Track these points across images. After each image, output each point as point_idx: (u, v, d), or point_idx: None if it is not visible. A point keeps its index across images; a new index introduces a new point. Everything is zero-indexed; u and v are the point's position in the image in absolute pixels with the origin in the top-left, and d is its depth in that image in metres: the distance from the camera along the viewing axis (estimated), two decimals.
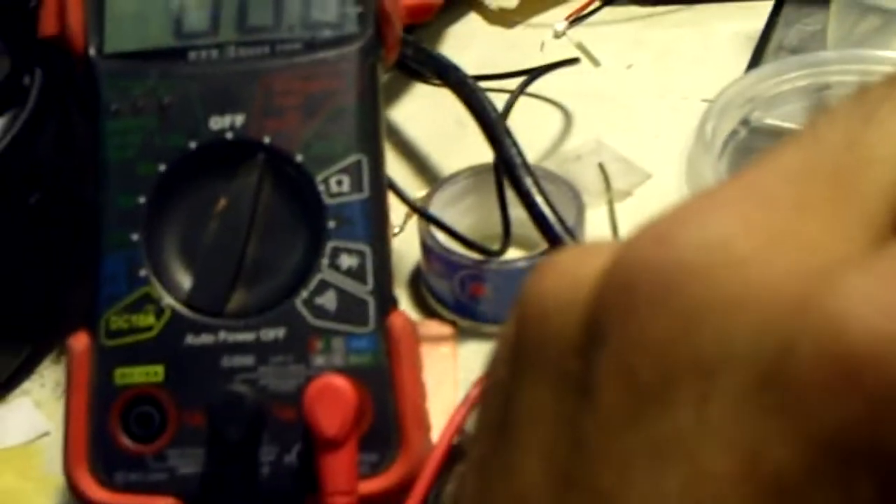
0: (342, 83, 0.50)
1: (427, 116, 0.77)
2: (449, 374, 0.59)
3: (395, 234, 0.67)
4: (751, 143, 0.62)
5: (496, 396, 0.24)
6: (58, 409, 0.55)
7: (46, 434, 0.60)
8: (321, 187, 0.49)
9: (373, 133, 0.51)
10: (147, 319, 0.49)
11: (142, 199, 0.50)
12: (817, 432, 0.18)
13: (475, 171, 0.65)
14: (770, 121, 0.64)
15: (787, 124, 0.64)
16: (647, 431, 0.20)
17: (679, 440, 0.20)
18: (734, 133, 0.61)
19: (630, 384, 0.21)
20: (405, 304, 0.64)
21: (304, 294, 0.48)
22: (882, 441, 0.18)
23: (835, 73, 0.64)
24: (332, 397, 0.46)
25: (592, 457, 0.21)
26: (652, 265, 0.21)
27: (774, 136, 0.65)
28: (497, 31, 0.86)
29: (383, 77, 0.53)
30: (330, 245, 0.49)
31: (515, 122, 0.69)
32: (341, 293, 0.48)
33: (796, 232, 0.20)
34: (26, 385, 0.62)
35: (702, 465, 0.20)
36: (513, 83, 0.76)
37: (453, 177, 0.65)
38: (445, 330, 0.61)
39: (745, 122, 0.62)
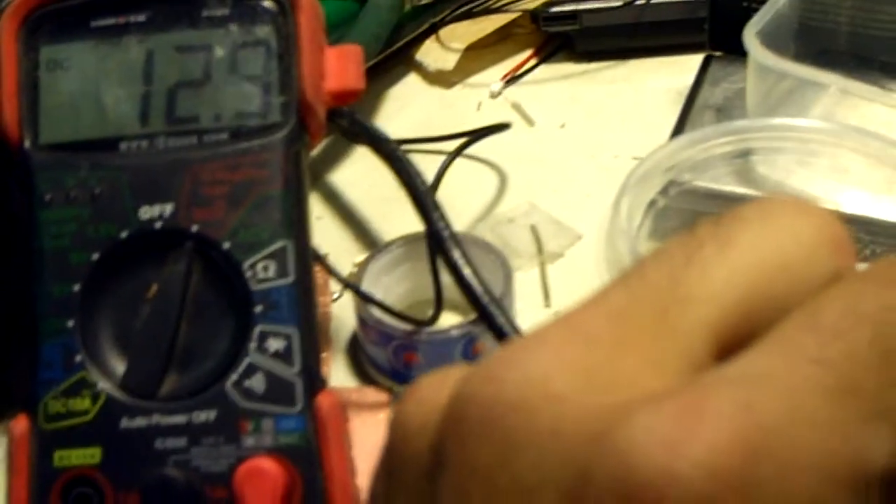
0: (267, 171, 0.52)
1: (367, 179, 0.79)
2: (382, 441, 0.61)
3: (334, 300, 0.69)
4: (670, 211, 0.64)
5: None
6: (1, 488, 0.56)
7: None
8: (248, 273, 0.51)
9: (298, 218, 0.52)
10: (84, 403, 0.51)
11: (76, 287, 0.51)
12: None
13: (407, 241, 0.67)
14: (696, 182, 0.66)
15: (708, 185, 0.67)
16: None
17: None
18: (653, 203, 0.63)
19: None
20: (343, 370, 0.66)
21: (234, 377, 0.50)
22: None
23: (755, 140, 0.66)
24: (261, 479, 0.48)
25: None
26: (480, 400, 0.23)
27: (698, 199, 0.67)
28: (435, 91, 0.88)
29: (308, 159, 0.55)
30: (258, 329, 0.51)
31: (450, 185, 0.71)
32: (269, 375, 0.50)
33: (612, 369, 0.22)
34: None
35: None
36: (450, 145, 0.78)
37: (387, 246, 0.67)
38: (382, 397, 0.63)
39: (664, 190, 0.64)
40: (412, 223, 0.66)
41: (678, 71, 0.86)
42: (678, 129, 0.77)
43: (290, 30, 0.54)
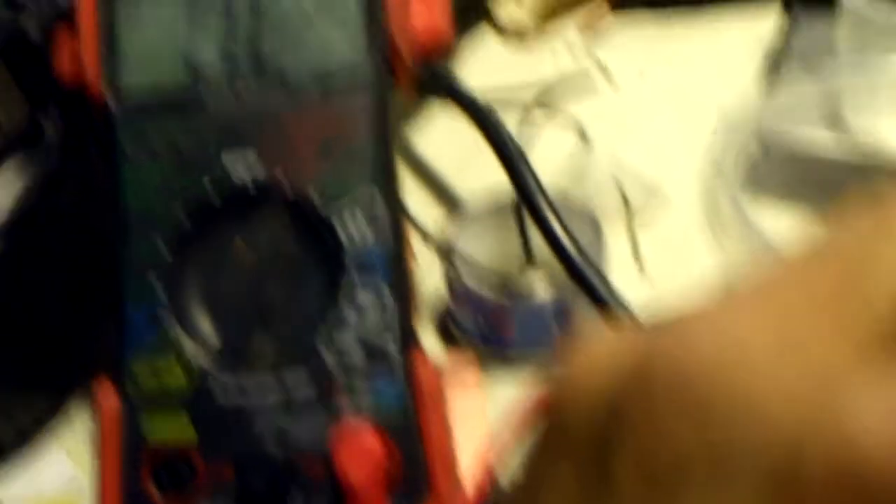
0: (356, 122, 0.51)
1: (441, 136, 0.77)
2: (477, 407, 0.60)
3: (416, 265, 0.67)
4: (767, 158, 0.62)
5: (529, 470, 0.25)
6: (90, 457, 0.55)
7: (79, 483, 0.60)
8: (338, 227, 0.49)
9: (388, 170, 0.51)
10: (174, 371, 0.49)
11: (163, 246, 0.50)
12: None
13: (496, 202, 0.65)
14: (793, 132, 0.65)
15: (802, 134, 0.65)
16: None
17: None
18: (747, 153, 0.61)
19: (646, 474, 0.22)
20: (430, 335, 0.64)
21: (325, 333, 0.49)
22: None
23: (847, 86, 0.64)
24: (360, 448, 0.47)
25: None
26: (670, 361, 0.22)
27: (791, 147, 0.65)
28: (509, 43, 0.86)
29: (402, 108, 0.53)
30: (349, 284, 0.49)
31: (530, 137, 0.69)
32: (362, 332, 0.49)
33: (808, 338, 0.21)
34: (59, 431, 0.62)
35: None
36: (527, 97, 0.76)
37: (474, 208, 0.65)
38: (472, 362, 0.61)
39: (757, 140, 0.62)
40: (492, 180, 0.65)
41: (757, 17, 0.83)
42: (764, 77, 0.75)
43: None
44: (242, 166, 0.50)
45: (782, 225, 0.64)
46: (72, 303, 0.62)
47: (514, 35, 0.86)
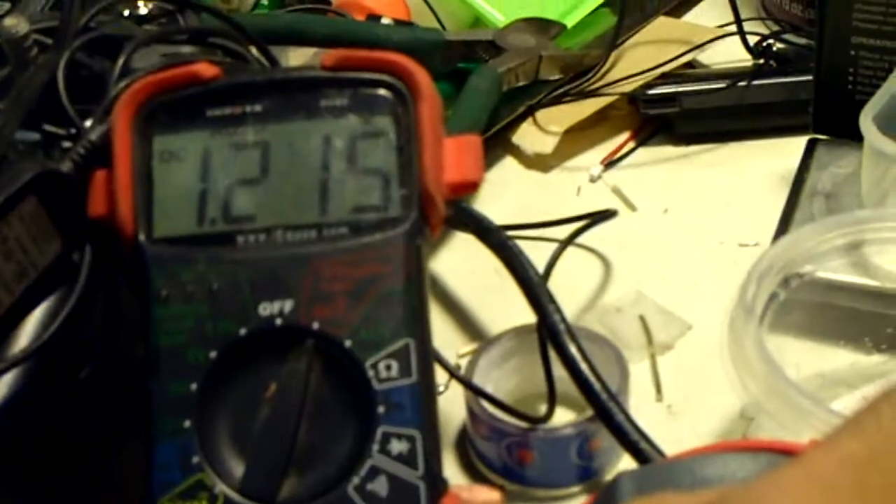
0: (389, 267, 0.51)
1: (465, 267, 0.77)
2: None
3: (440, 393, 0.67)
4: (791, 304, 0.63)
5: None
6: None
7: None
8: (370, 372, 0.50)
9: (420, 315, 0.51)
10: None
11: (193, 386, 0.50)
12: None
13: (518, 333, 0.65)
14: (818, 274, 0.65)
15: (829, 276, 0.65)
16: None
17: None
18: (774, 295, 0.61)
19: None
20: (451, 466, 0.64)
21: (356, 481, 0.49)
22: None
23: (872, 230, 0.64)
24: None
25: None
26: None
27: (818, 290, 0.65)
28: (533, 175, 0.87)
29: (429, 253, 0.54)
30: (381, 430, 0.49)
31: (554, 272, 0.70)
32: (393, 479, 0.49)
33: None
34: None
35: None
36: (551, 231, 0.77)
37: (497, 338, 0.66)
38: (494, 495, 0.61)
39: (784, 283, 0.62)
40: (515, 313, 0.65)
41: (780, 154, 0.84)
42: (787, 216, 0.75)
43: (409, 120, 0.53)
44: (276, 309, 0.51)
45: (805, 359, 0.64)
46: (98, 440, 0.61)
47: (538, 166, 0.87)
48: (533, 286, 0.60)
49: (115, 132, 0.54)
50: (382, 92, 0.54)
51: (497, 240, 0.63)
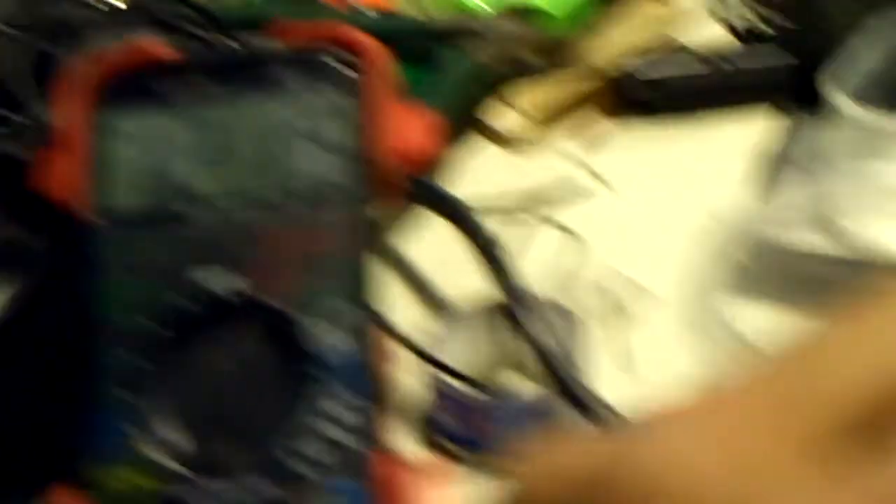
0: (337, 239, 0.51)
1: (424, 242, 0.77)
2: None
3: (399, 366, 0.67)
4: (759, 272, 0.63)
5: None
6: None
7: None
8: (315, 343, 0.50)
9: (367, 286, 0.51)
10: (143, 480, 0.49)
11: (139, 359, 0.50)
12: None
13: (478, 306, 0.65)
14: (786, 242, 0.65)
15: (795, 243, 0.65)
16: None
17: None
18: (738, 263, 0.61)
19: None
20: (410, 439, 0.64)
21: (293, 445, 0.49)
22: None
23: (841, 197, 0.64)
24: None
25: None
26: (620, 480, 0.24)
27: (787, 259, 0.65)
28: (506, 155, 0.87)
29: (384, 225, 0.54)
30: (321, 396, 0.49)
31: (529, 251, 0.69)
32: (330, 443, 0.49)
33: (746, 442, 0.23)
34: None
35: None
36: (520, 201, 0.77)
37: (457, 311, 0.65)
38: (446, 463, 0.61)
39: (749, 250, 0.62)
40: (475, 286, 0.65)
41: (754, 128, 0.84)
42: (760, 187, 0.75)
43: (358, 91, 0.53)
44: (223, 282, 0.51)
45: (771, 327, 0.64)
46: (36, 412, 0.62)
47: (510, 143, 0.87)
48: (493, 258, 0.60)
49: (71, 110, 0.55)
50: (331, 63, 0.54)
51: (456, 211, 0.63)
